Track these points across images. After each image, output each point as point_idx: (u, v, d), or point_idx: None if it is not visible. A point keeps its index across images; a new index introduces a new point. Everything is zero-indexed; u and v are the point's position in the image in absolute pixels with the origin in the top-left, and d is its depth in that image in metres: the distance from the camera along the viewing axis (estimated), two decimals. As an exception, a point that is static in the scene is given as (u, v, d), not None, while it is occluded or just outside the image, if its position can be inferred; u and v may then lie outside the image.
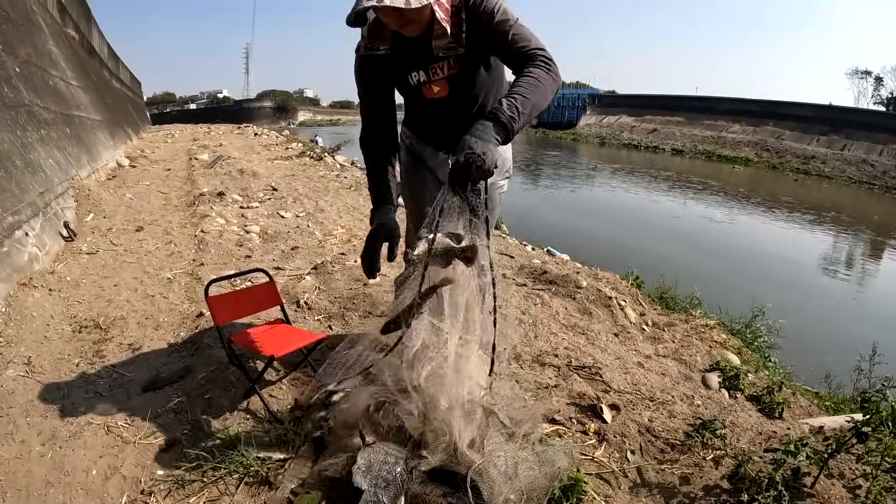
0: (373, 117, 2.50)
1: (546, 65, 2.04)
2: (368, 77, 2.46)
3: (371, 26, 2.31)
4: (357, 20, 2.15)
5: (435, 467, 2.03)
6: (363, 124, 2.54)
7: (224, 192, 7.87)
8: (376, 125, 2.49)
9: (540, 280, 4.72)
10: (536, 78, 1.99)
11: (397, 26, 2.17)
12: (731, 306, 5.42)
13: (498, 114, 1.87)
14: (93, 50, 16.17)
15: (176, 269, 4.78)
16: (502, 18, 2.15)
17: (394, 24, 2.16)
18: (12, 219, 4.36)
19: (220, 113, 68.84)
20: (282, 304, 3.18)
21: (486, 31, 2.18)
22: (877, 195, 28.99)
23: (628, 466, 2.48)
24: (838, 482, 2.41)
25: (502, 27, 2.14)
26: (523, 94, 1.93)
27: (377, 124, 2.49)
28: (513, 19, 2.16)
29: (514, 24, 2.14)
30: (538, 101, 1.98)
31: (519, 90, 1.94)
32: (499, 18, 2.15)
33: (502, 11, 2.16)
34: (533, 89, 1.96)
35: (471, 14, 2.19)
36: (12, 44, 6.83)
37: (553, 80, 2.04)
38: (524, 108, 1.92)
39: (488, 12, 2.16)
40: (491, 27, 2.16)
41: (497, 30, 2.15)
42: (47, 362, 3.14)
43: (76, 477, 2.27)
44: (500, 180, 2.67)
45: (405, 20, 2.13)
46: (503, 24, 2.15)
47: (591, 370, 3.20)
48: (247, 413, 2.66)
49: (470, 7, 2.19)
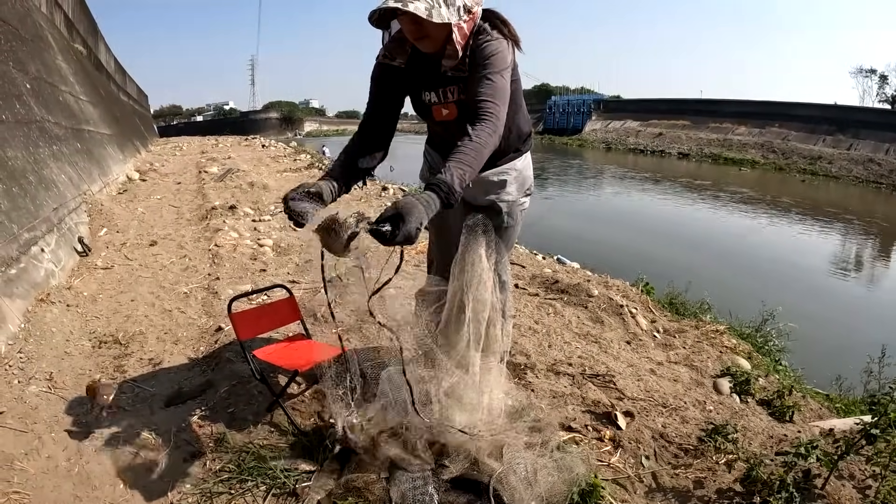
0: (370, 119, 2.53)
1: (492, 124, 2.09)
2: (380, 84, 2.50)
3: (394, 37, 2.37)
4: (380, 22, 2.23)
5: (457, 476, 2.08)
6: (360, 123, 2.57)
7: (236, 206, 7.91)
8: (370, 127, 2.51)
9: (552, 289, 4.76)
10: (481, 142, 2.04)
11: (414, 37, 2.22)
12: (741, 310, 5.44)
13: (450, 196, 1.92)
14: (100, 64, 16.30)
15: (192, 283, 4.84)
16: (490, 64, 2.21)
17: (411, 35, 2.22)
18: (28, 235, 4.41)
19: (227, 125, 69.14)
20: (302, 318, 3.22)
21: (475, 67, 2.24)
22: (884, 194, 28.86)
23: (643, 471, 2.52)
24: (848, 483, 2.44)
25: (484, 71, 2.20)
26: (470, 164, 1.99)
27: (371, 127, 2.51)
28: (497, 70, 2.21)
29: (493, 75, 2.20)
30: (478, 167, 2.05)
31: (467, 158, 1.99)
32: (487, 62, 2.21)
33: (494, 61, 2.21)
34: (478, 155, 2.03)
35: (475, 46, 2.24)
36: (23, 61, 6.90)
37: (494, 140, 2.09)
38: (469, 180, 1.99)
39: (484, 55, 2.22)
40: (479, 67, 2.22)
41: (478, 73, 2.21)
42: (69, 378, 3.17)
43: (104, 491, 2.32)
44: (521, 198, 2.71)
45: (423, 33, 2.18)
46: (487, 68, 2.20)
47: (604, 378, 3.24)
48: (271, 426, 2.70)
49: (476, 38, 2.25)
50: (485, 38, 2.23)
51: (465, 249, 2.41)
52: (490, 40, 2.23)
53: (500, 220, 2.61)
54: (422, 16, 2.05)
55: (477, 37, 2.24)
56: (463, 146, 2.01)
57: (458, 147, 2.02)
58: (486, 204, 2.60)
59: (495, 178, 2.57)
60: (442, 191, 1.89)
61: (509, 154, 2.58)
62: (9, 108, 5.58)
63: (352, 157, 2.46)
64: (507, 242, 2.67)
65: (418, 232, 1.80)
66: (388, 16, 2.21)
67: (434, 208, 1.88)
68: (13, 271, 3.88)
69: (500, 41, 2.25)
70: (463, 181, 1.94)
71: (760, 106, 45.94)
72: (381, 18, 2.21)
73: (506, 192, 2.61)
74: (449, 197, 1.90)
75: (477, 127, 2.06)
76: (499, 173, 2.57)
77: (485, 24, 2.27)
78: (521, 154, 2.65)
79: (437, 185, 1.90)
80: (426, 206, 1.85)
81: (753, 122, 44.13)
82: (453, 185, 1.91)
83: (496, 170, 2.56)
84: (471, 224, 2.43)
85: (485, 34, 2.24)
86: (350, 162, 2.45)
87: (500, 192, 2.60)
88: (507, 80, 2.23)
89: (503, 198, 2.61)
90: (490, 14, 2.32)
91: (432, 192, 1.89)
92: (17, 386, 2.97)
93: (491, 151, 2.09)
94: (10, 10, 7.14)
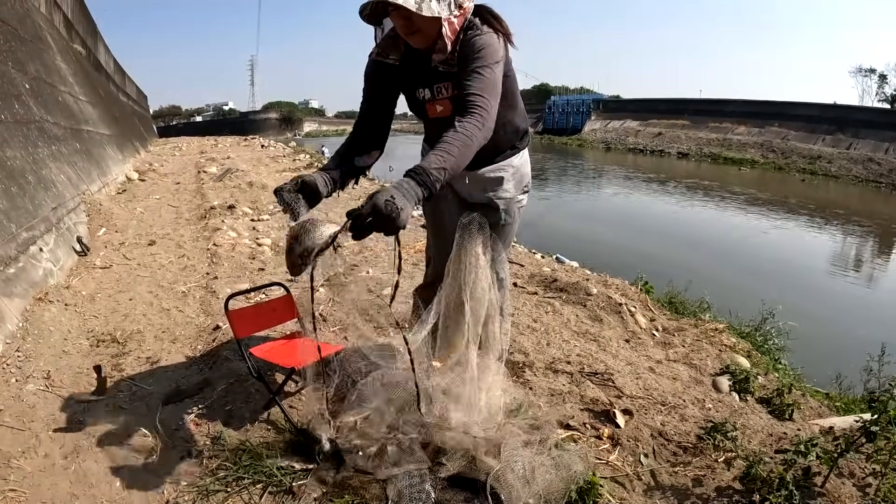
0: (365, 117, 2.54)
1: (480, 118, 2.05)
2: (374, 81, 2.51)
3: (387, 34, 2.37)
4: (371, 17, 2.23)
5: (454, 474, 2.08)
6: (357, 121, 2.58)
7: (234, 205, 7.92)
8: (365, 125, 2.52)
9: (550, 288, 4.75)
10: (467, 133, 1.99)
11: (405, 33, 2.22)
12: (740, 309, 5.44)
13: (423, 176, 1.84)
14: (99, 64, 16.32)
15: (190, 282, 4.84)
16: (479, 58, 2.18)
17: (402, 30, 2.22)
18: (27, 234, 4.42)
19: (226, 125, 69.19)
20: (299, 316, 3.21)
21: (464, 61, 2.23)
22: (884, 193, 28.84)
23: (642, 469, 2.51)
24: (848, 481, 2.44)
25: (473, 65, 2.17)
26: (452, 153, 1.93)
27: (366, 125, 2.52)
28: (486, 63, 2.18)
29: (482, 69, 2.16)
30: (464, 159, 1.99)
31: (450, 148, 1.94)
32: (476, 55, 2.18)
33: (484, 55, 2.19)
34: (463, 148, 1.96)
35: (464, 40, 2.23)
36: (22, 61, 6.91)
37: (482, 133, 2.05)
38: (451, 169, 1.92)
39: (474, 49, 2.20)
40: (468, 61, 2.20)
41: (468, 65, 2.19)
42: (66, 376, 3.17)
43: (101, 489, 2.31)
44: (518, 195, 2.71)
45: (414, 28, 2.18)
46: (476, 62, 2.17)
47: (603, 376, 3.23)
48: (268, 424, 2.70)
49: (465, 33, 2.24)
50: (474, 32, 2.22)
51: (461, 247, 2.40)
52: (480, 34, 2.22)
53: (497, 218, 2.60)
54: (412, 9, 2.05)
55: (466, 31, 2.24)
56: (447, 136, 1.98)
57: (442, 137, 1.98)
58: (484, 201, 2.60)
59: (492, 176, 2.57)
60: (417, 174, 1.83)
61: (506, 151, 2.57)
62: (8, 108, 5.59)
63: (348, 154, 2.46)
64: (504, 240, 2.67)
65: (389, 205, 1.71)
66: (379, 11, 2.20)
67: (410, 191, 1.80)
68: (12, 270, 3.88)
69: (491, 35, 2.23)
70: (443, 168, 1.88)
71: (760, 105, 45.89)
72: (373, 14, 2.21)
73: (503, 190, 2.60)
74: (424, 178, 1.84)
75: (464, 119, 2.03)
76: (496, 170, 2.57)
77: (475, 20, 2.26)
78: (519, 151, 2.64)
79: (412, 170, 1.86)
80: (397, 187, 1.79)
81: (753, 122, 44.08)
82: (429, 168, 1.85)
83: (493, 167, 2.56)
84: (466, 221, 2.43)
85: (475, 29, 2.24)
86: (346, 159, 2.45)
87: (497, 189, 2.60)
88: (498, 73, 2.21)
89: (500, 195, 2.60)
90: (481, 9, 2.31)
91: (407, 176, 1.85)
92: (15, 384, 2.98)
93: (479, 145, 2.05)
94: (9, 10, 7.15)
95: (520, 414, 2.53)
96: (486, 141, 2.10)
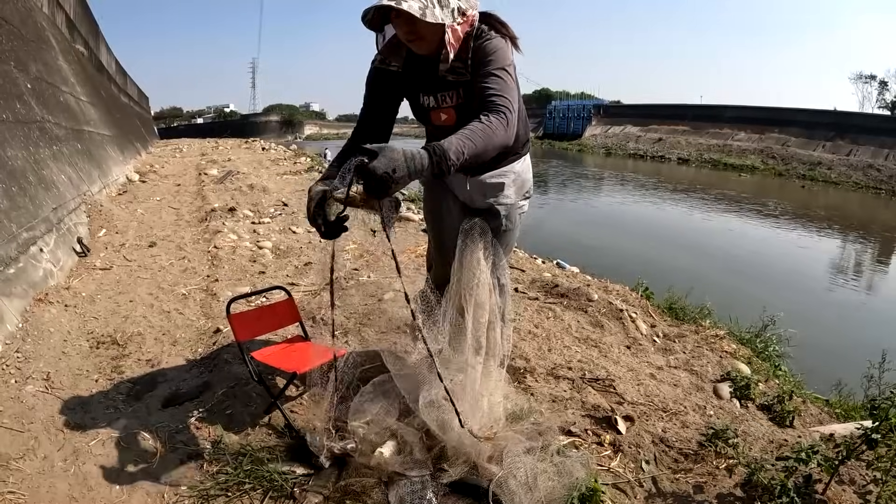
0: (365, 123, 2.54)
1: (504, 117, 2.05)
2: (376, 88, 2.52)
3: (389, 41, 2.37)
4: (373, 24, 2.24)
5: (456, 480, 2.07)
6: (355, 127, 2.58)
7: (235, 208, 7.92)
8: (365, 132, 2.52)
9: (551, 293, 4.74)
10: (492, 128, 1.98)
11: (408, 39, 2.22)
12: (741, 316, 5.42)
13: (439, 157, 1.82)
14: (101, 65, 16.30)
15: (191, 284, 4.83)
16: (493, 60, 2.19)
17: (405, 36, 2.22)
18: (27, 234, 4.41)
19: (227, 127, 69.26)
20: (301, 320, 3.21)
21: (478, 66, 2.23)
22: (884, 200, 28.90)
23: (643, 476, 2.51)
24: (849, 488, 2.44)
25: (488, 67, 2.19)
26: (474, 140, 1.92)
27: (366, 131, 2.52)
28: (501, 66, 2.19)
29: (499, 71, 2.18)
30: (485, 150, 1.97)
31: (473, 135, 1.93)
32: (490, 58, 2.20)
33: (497, 57, 2.21)
34: (486, 138, 1.96)
35: (475, 46, 2.24)
36: (24, 61, 6.90)
37: (506, 133, 2.05)
38: (469, 157, 1.90)
39: (486, 52, 2.21)
40: (482, 65, 2.21)
41: (482, 69, 2.20)
42: (66, 378, 3.16)
43: (100, 492, 2.31)
44: (519, 201, 2.71)
45: (416, 34, 2.18)
46: (490, 65, 2.19)
47: (604, 382, 3.23)
48: (268, 428, 2.70)
49: (476, 40, 2.25)
50: (485, 37, 2.24)
51: (463, 252, 2.40)
52: (490, 38, 2.24)
53: (498, 223, 2.60)
54: (415, 14, 2.05)
55: (476, 39, 2.24)
56: (473, 125, 1.97)
57: (467, 125, 1.97)
58: (485, 207, 2.60)
59: (494, 181, 2.57)
60: (435, 153, 1.81)
61: (508, 157, 2.57)
62: (9, 107, 5.58)
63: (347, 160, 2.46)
64: (505, 246, 2.66)
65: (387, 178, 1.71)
66: (382, 17, 2.21)
67: (419, 164, 1.79)
68: (11, 271, 3.87)
69: (500, 39, 2.25)
70: (461, 152, 1.86)
71: (760, 111, 46.07)
72: (376, 19, 2.21)
73: (504, 195, 2.60)
74: (440, 161, 1.81)
75: (491, 115, 2.03)
76: (497, 176, 2.57)
77: (483, 26, 2.27)
78: (520, 157, 2.64)
79: (430, 147, 1.83)
80: (409, 157, 1.77)
81: (753, 128, 44.21)
82: (448, 151, 1.82)
83: (494, 172, 2.55)
84: (468, 227, 2.43)
85: (485, 35, 2.25)
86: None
87: (498, 194, 2.60)
88: (513, 76, 2.23)
89: (502, 201, 2.60)
90: (487, 17, 2.33)
91: (424, 150, 1.82)
92: (14, 385, 2.97)
93: (501, 144, 2.05)
94: (11, 10, 7.14)
95: (521, 420, 2.53)
96: (507, 144, 2.10)
